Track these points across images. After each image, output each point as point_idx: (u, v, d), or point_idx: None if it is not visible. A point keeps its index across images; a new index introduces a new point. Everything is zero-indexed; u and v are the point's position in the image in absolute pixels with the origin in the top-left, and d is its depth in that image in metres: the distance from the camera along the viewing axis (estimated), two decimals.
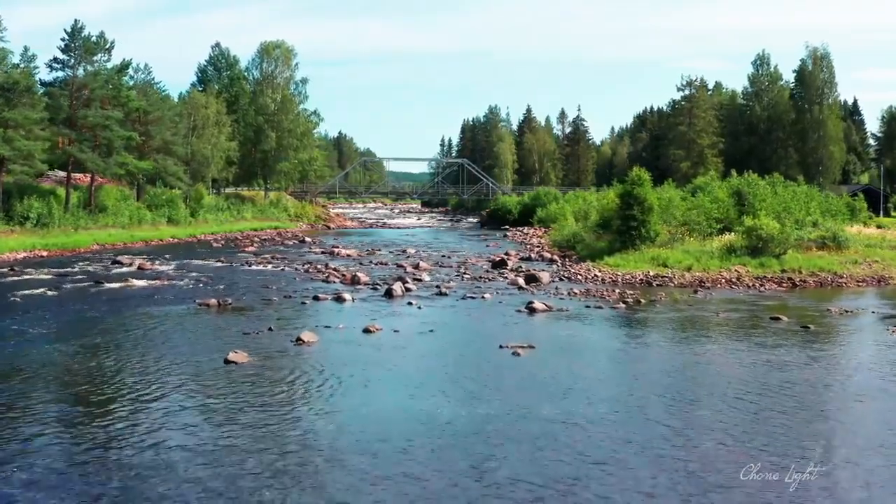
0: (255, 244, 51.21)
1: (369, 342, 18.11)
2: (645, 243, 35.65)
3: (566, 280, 30.99)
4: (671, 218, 37.31)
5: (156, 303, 24.33)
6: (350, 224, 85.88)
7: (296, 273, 33.27)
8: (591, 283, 30.03)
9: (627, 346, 18.59)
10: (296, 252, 45.00)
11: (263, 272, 33.76)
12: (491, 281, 30.54)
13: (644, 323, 21.43)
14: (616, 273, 31.98)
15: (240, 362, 15.41)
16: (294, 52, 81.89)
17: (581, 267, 34.27)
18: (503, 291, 27.48)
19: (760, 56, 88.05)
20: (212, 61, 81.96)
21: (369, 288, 28.04)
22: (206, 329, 19.76)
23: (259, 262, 37.91)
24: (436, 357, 16.80)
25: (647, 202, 35.83)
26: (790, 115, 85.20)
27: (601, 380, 15.32)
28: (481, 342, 18.38)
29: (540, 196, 77.60)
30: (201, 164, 68.33)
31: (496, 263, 35.85)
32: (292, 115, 79.91)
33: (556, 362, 16.31)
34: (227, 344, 17.43)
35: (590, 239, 39.18)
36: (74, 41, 52.81)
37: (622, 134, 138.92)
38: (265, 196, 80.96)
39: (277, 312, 22.46)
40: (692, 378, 15.39)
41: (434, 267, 35.48)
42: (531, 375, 15.13)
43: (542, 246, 47.32)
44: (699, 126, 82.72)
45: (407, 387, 14.31)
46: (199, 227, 61.17)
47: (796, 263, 33.41)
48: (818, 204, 44.71)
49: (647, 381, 15.01)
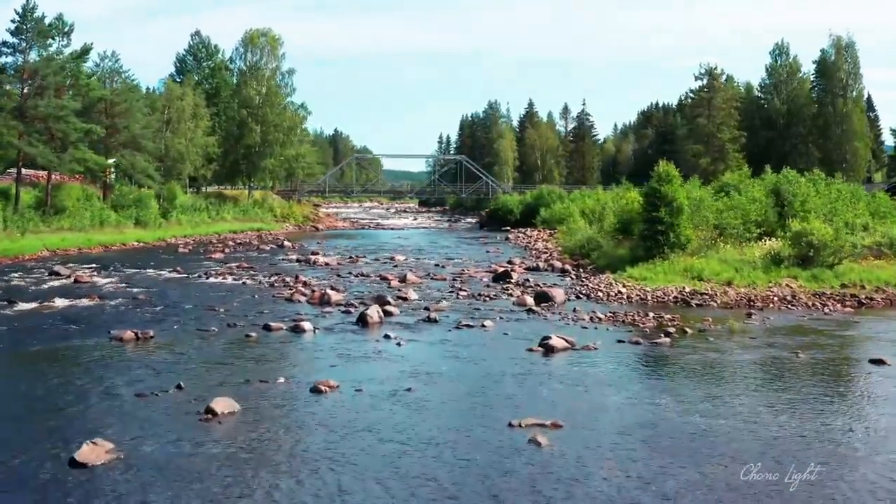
0: (227, 249, 45.57)
1: (312, 416, 12.28)
2: (674, 251, 30.07)
3: (584, 298, 25.41)
4: (703, 221, 31.68)
5: (59, 334, 18.77)
6: (341, 225, 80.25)
7: (257, 288, 27.67)
8: (616, 303, 24.44)
9: (693, 420, 12.21)
10: (268, 259, 39.36)
11: (219, 287, 28.15)
12: (493, 299, 24.95)
13: (703, 372, 15.63)
14: (644, 289, 26.40)
15: (91, 464, 9.65)
16: (281, 41, 76.07)
17: (600, 280, 28.69)
18: (508, 315, 21.91)
19: (779, 45, 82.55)
20: (191, 51, 76.24)
21: (340, 310, 22.42)
22: (88, 387, 13.83)
23: (221, 272, 32.30)
24: (409, 455, 10.55)
25: (676, 203, 30.23)
26: (811, 109, 79.68)
27: (680, 494, 9.49)
28: (481, 415, 12.44)
29: (543, 195, 71.86)
30: (176, 161, 62.68)
31: (499, 276, 30.22)
32: (278, 108, 74.18)
33: (600, 457, 10.51)
34: (96, 420, 11.74)
35: (608, 245, 33.53)
36: (26, 23, 47.24)
37: (626, 131, 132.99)
38: (248, 195, 75.29)
39: (206, 353, 16.83)
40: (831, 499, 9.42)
41: (424, 280, 29.86)
42: (567, 490, 9.40)
43: (550, 252, 41.64)
44: (719, 119, 76.48)
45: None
46: (170, 230, 55.46)
47: (855, 276, 27.84)
48: (866, 204, 39.10)
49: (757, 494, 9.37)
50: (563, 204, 66.51)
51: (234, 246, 48.89)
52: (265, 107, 73.31)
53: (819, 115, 78.81)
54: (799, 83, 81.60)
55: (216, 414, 11.74)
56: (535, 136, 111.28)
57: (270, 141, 73.15)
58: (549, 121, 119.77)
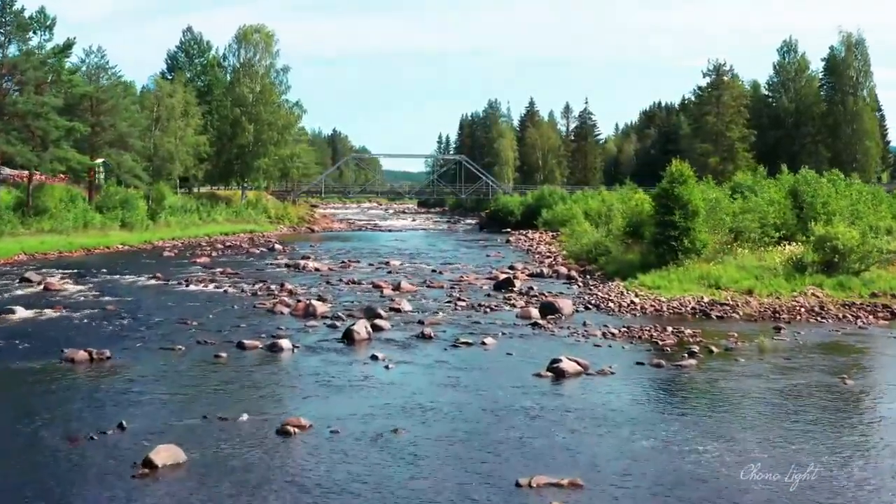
0: (214, 253, 43.38)
1: (272, 471, 9.93)
2: (688, 256, 27.94)
3: (594, 309, 23.26)
4: (720, 224, 29.54)
5: (4, 353, 16.60)
6: (337, 226, 78.05)
7: (238, 298, 25.52)
8: (629, 315, 22.30)
9: (750, 476, 9.75)
10: (255, 264, 37.16)
11: (197, 296, 25.99)
12: (494, 311, 22.78)
13: (744, 405, 13.23)
14: (658, 299, 24.26)
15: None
16: (275, 37, 73.75)
17: (610, 289, 26.54)
18: (512, 329, 19.76)
19: (787, 43, 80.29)
20: (183, 47, 74.00)
21: (325, 324, 20.25)
22: (14, 426, 11.49)
23: (202, 279, 30.14)
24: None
25: (691, 205, 28.10)
26: (820, 108, 77.43)
27: None
28: (483, 470, 10.01)
29: (545, 196, 69.65)
30: (165, 161, 60.44)
31: (500, 283, 28.06)
32: (272, 106, 71.86)
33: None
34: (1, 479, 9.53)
35: (617, 250, 31.35)
36: (5, 15, 45.08)
37: (627, 131, 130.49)
38: (242, 196, 73.01)
39: (165, 378, 14.68)
40: None
41: (420, 288, 27.71)
42: None
43: (554, 256, 39.46)
44: (728, 117, 73.95)
45: None
46: (157, 232, 53.20)
47: (884, 284, 25.70)
48: (888, 206, 37.00)
49: None
50: (565, 205, 64.40)
51: (223, 249, 46.73)
52: (259, 105, 71.05)
53: (829, 113, 76.59)
54: (808, 81, 79.38)
55: (155, 467, 9.53)
56: (536, 136, 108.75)
57: (264, 140, 70.88)
58: (551, 120, 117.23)
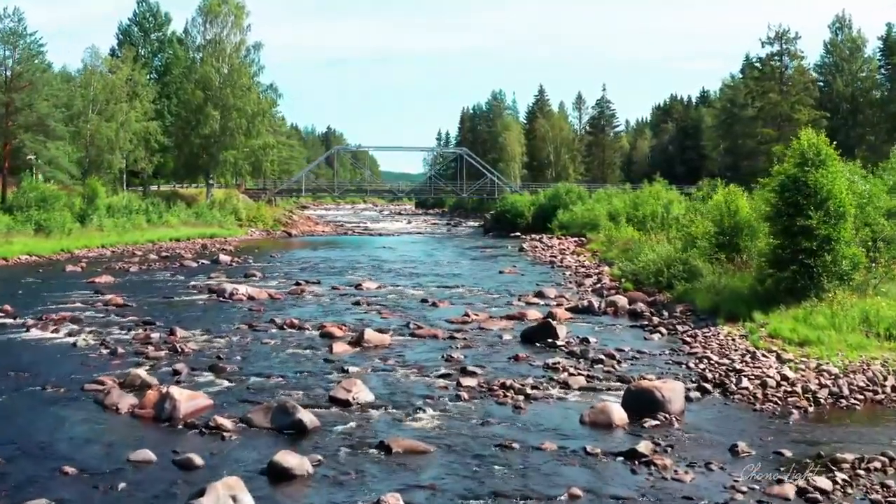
0: (136, 268, 32.37)
1: None
2: (832, 282, 17.12)
3: (713, 389, 12.44)
4: (881, 229, 18.68)
5: None
6: (321, 230, 67.13)
7: (79, 364, 14.64)
8: (788, 406, 11.48)
9: None
10: (171, 287, 26.14)
11: (19, 355, 15.13)
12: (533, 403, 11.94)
13: None
14: (821, 366, 13.48)
15: None
16: (246, 10, 62.78)
17: (722, 342, 15.70)
18: (578, 469, 8.95)
19: (840, 18, 69.24)
20: (136, 19, 63.10)
21: (170, 457, 9.40)
22: None
23: (60, 319, 19.16)
24: None
25: (834, 202, 17.28)
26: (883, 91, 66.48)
27: None
28: None
29: (560, 194, 58.70)
30: (102, 150, 49.62)
31: (532, 332, 16.97)
32: (242, 89, 60.95)
33: None
34: None
35: (710, 272, 20.22)
36: None
37: (641, 127, 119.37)
38: (207, 194, 62.07)
39: None
40: None
41: (397, 340, 16.80)
42: None
43: (597, 276, 28.21)
44: (793, 96, 61.25)
45: None
46: (84, 238, 42.25)
47: None
48: None
49: None
50: (585, 205, 53.79)
51: (155, 261, 35.83)
52: (226, 88, 60.08)
53: (890, 99, 65.62)
54: (864, 62, 68.26)
55: None
56: (546, 128, 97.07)
57: (232, 129, 60.06)
58: (562, 111, 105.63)
